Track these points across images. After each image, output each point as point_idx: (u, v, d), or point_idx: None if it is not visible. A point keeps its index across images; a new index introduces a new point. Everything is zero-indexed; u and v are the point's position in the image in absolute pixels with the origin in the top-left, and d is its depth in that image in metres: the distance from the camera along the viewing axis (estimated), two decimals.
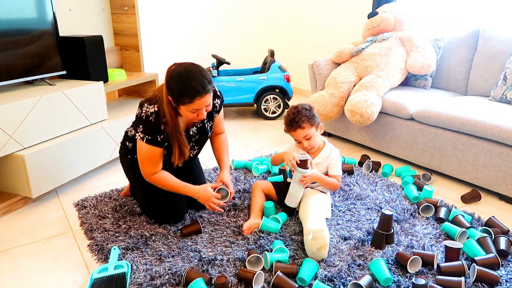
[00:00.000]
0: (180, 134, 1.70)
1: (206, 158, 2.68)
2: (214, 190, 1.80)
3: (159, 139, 1.68)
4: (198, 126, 1.86)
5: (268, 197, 1.98)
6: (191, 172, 1.98)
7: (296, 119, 1.81)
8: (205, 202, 1.77)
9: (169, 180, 1.76)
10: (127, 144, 1.86)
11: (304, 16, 4.34)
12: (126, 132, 1.88)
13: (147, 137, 1.67)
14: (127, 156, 1.88)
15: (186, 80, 1.56)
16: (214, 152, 2.03)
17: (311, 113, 1.84)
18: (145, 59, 3.34)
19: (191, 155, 1.89)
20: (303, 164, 1.76)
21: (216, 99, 1.85)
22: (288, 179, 2.02)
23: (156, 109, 1.65)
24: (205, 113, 1.67)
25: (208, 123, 1.89)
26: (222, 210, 1.83)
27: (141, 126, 1.67)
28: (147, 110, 1.66)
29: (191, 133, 1.83)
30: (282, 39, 4.53)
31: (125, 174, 1.95)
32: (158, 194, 1.81)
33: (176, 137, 1.69)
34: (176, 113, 1.68)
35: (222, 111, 1.95)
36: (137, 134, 1.69)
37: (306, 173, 1.76)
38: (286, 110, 1.89)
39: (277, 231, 1.77)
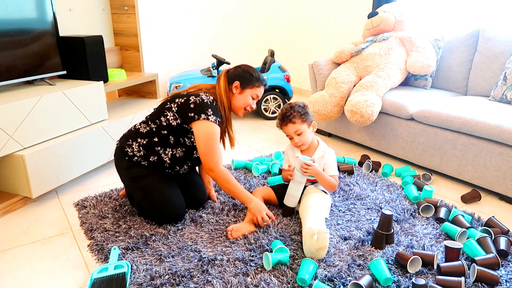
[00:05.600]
0: (230, 125, 1.93)
1: None
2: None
3: (220, 122, 1.82)
4: None
5: (268, 202, 1.97)
6: (191, 182, 2.00)
7: (288, 114, 1.88)
8: (256, 214, 1.78)
9: (232, 181, 1.81)
10: (139, 140, 1.83)
11: (304, 16, 4.34)
12: (137, 130, 1.86)
13: (218, 119, 1.78)
14: (125, 158, 1.85)
15: (256, 71, 1.91)
16: (201, 172, 2.13)
17: (304, 110, 1.90)
18: (145, 59, 3.34)
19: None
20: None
21: None
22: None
23: (213, 97, 1.81)
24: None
25: None
26: (270, 223, 1.81)
27: (210, 110, 1.75)
28: (208, 97, 1.78)
29: None
30: (282, 39, 4.54)
31: (122, 177, 1.92)
32: (160, 194, 1.81)
33: (229, 122, 1.91)
34: (229, 103, 1.88)
35: None
36: (210, 117, 1.74)
37: (307, 159, 1.79)
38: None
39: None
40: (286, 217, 1.89)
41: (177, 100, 1.78)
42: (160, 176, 1.85)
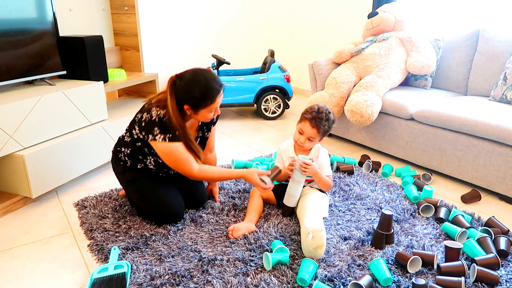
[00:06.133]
0: (191, 142, 1.73)
1: None
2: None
3: (177, 133, 1.69)
4: (199, 135, 1.91)
5: (266, 202, 1.98)
6: (191, 182, 1.99)
7: (324, 123, 1.85)
8: (251, 182, 1.80)
9: (215, 172, 1.81)
10: (123, 149, 1.85)
11: (304, 16, 4.34)
12: (123, 137, 1.87)
13: (168, 135, 1.66)
14: (120, 163, 1.88)
15: (204, 84, 1.64)
16: None
17: (331, 128, 1.90)
18: (145, 59, 3.34)
19: None
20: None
21: None
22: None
23: (164, 111, 1.67)
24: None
25: (207, 134, 1.95)
26: (270, 187, 1.80)
27: (156, 129, 1.66)
28: (158, 113, 1.66)
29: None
30: (282, 39, 4.54)
31: (119, 181, 1.94)
32: (155, 195, 1.82)
33: (190, 140, 1.72)
34: (184, 121, 1.72)
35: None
36: (156, 137, 1.66)
37: (306, 159, 1.79)
38: (318, 104, 1.91)
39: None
40: (286, 217, 1.89)
41: (137, 115, 1.74)
42: (155, 178, 1.86)
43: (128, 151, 1.83)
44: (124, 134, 1.86)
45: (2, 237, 1.80)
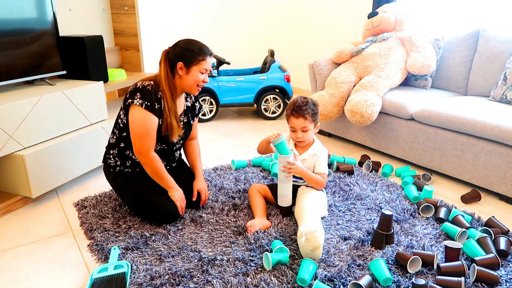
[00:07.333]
0: (175, 113, 1.77)
1: (206, 158, 2.68)
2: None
3: (156, 107, 1.72)
4: (185, 121, 1.93)
5: (265, 199, 1.98)
6: (179, 173, 2.00)
7: (304, 108, 1.84)
8: (176, 201, 1.85)
9: (161, 167, 1.81)
10: (111, 152, 1.87)
11: (304, 16, 4.34)
12: (109, 140, 1.90)
13: (146, 103, 1.70)
14: (110, 169, 1.90)
15: (196, 43, 1.78)
16: (187, 157, 2.10)
17: (316, 110, 1.89)
18: (145, 59, 3.34)
19: (175, 148, 1.94)
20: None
21: (197, 103, 2.03)
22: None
23: (152, 83, 1.74)
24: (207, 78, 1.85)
25: (191, 120, 1.99)
26: (182, 209, 1.89)
27: (138, 94, 1.71)
28: (143, 83, 1.73)
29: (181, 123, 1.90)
30: (282, 39, 4.54)
31: (113, 188, 1.96)
32: (148, 195, 1.83)
33: (172, 111, 1.76)
34: (174, 90, 1.77)
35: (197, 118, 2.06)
36: (135, 101, 1.69)
37: (290, 158, 1.78)
38: (292, 98, 1.93)
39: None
40: (286, 217, 1.89)
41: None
42: (146, 179, 1.85)
43: (116, 151, 1.86)
44: (110, 137, 1.90)
45: (2, 237, 1.80)
